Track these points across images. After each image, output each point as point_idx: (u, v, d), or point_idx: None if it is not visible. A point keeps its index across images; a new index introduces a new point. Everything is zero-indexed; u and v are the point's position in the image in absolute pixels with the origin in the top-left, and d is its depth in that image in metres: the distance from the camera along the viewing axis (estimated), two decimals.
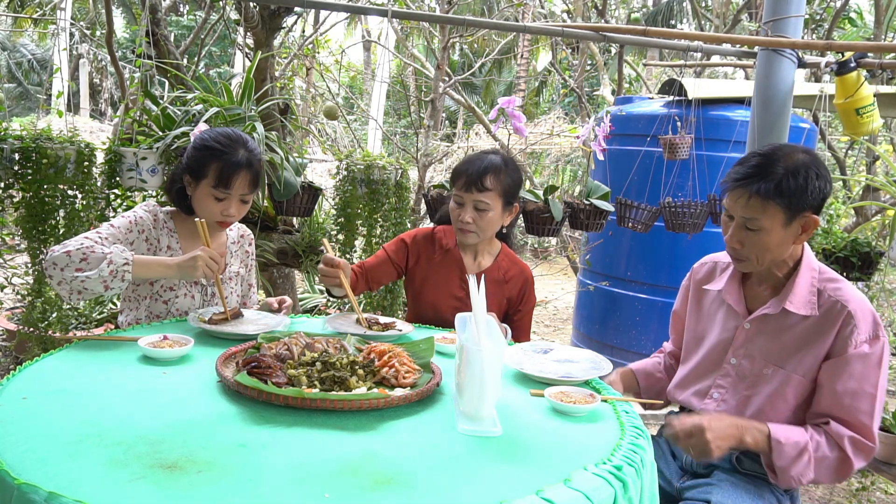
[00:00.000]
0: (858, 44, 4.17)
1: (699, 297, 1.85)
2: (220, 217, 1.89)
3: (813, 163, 1.53)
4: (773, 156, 1.54)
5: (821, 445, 1.53)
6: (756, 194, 1.52)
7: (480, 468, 1.08)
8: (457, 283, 2.14)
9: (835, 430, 1.54)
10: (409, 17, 4.67)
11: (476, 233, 2.05)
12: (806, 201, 1.52)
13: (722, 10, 7.99)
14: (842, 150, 6.86)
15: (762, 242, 1.56)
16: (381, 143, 10.24)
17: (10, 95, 18.36)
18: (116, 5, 15.86)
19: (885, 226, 3.02)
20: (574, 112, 13.18)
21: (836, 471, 1.54)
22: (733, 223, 1.60)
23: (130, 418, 1.16)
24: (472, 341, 1.28)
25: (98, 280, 1.63)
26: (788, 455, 1.51)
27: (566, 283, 8.35)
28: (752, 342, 1.68)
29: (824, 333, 1.57)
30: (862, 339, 1.53)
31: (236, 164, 1.84)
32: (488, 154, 2.07)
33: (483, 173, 1.99)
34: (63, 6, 6.86)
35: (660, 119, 3.69)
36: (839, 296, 1.57)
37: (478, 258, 2.17)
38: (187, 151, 1.92)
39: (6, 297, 4.13)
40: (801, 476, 1.52)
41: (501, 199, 2.04)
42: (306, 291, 5.20)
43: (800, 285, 1.60)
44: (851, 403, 1.53)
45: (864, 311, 1.56)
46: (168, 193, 2.02)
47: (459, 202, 2.04)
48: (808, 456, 1.51)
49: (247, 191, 1.89)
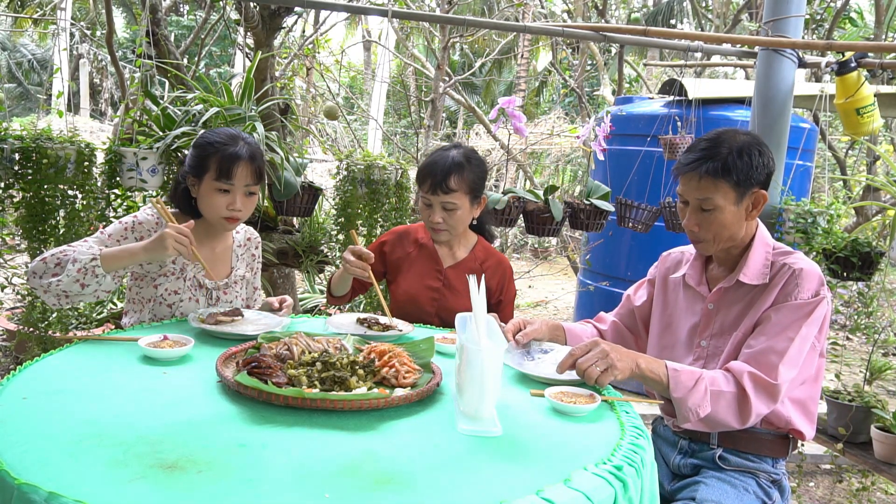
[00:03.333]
0: (859, 44, 4.17)
1: (666, 287, 1.89)
2: (226, 212, 1.87)
3: (755, 142, 1.64)
4: (717, 139, 1.64)
5: (717, 379, 1.53)
6: (706, 174, 1.61)
7: (480, 468, 1.08)
8: (433, 275, 2.19)
9: (735, 367, 1.55)
10: (409, 17, 4.68)
11: (447, 230, 2.11)
12: (753, 177, 1.61)
13: (722, 10, 7.98)
14: (842, 150, 6.86)
15: (718, 221, 1.63)
16: (381, 143, 10.25)
17: (11, 95, 18.37)
18: (116, 5, 15.86)
19: (885, 226, 3.01)
20: (574, 112, 13.18)
21: (737, 410, 1.53)
22: (689, 208, 1.68)
23: (130, 418, 1.16)
24: (472, 341, 1.28)
25: (71, 280, 1.65)
26: (685, 383, 1.50)
27: (566, 283, 8.34)
28: (715, 321, 1.73)
29: (769, 291, 1.63)
30: (804, 297, 1.58)
31: (236, 154, 1.85)
32: (449, 151, 2.09)
33: (447, 175, 2.03)
34: (63, 6, 6.86)
35: (660, 119, 3.69)
36: (788, 260, 1.64)
37: (453, 250, 2.22)
38: (188, 154, 1.93)
39: (6, 297, 4.13)
40: (697, 408, 1.50)
41: (468, 195, 2.08)
42: (306, 291, 5.20)
43: (753, 259, 1.67)
44: (766, 343, 1.56)
45: (811, 273, 1.61)
46: (173, 199, 2.02)
47: (427, 204, 2.10)
48: (704, 386, 1.51)
49: (250, 181, 1.88)
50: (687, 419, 1.51)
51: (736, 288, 1.70)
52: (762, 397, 1.53)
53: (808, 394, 1.67)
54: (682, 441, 1.78)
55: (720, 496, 1.58)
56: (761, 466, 1.68)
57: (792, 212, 2.95)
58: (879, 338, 3.18)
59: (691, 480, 1.70)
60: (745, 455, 1.68)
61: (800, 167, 4.16)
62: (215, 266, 2.02)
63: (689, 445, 1.76)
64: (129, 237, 1.86)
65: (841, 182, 6.15)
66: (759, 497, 1.64)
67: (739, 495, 1.60)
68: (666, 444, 1.83)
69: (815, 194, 5.90)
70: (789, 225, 2.96)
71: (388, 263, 2.25)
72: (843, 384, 2.81)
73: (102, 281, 1.68)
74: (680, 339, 1.80)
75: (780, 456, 1.70)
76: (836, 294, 3.08)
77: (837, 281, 2.93)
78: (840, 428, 2.59)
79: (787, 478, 1.73)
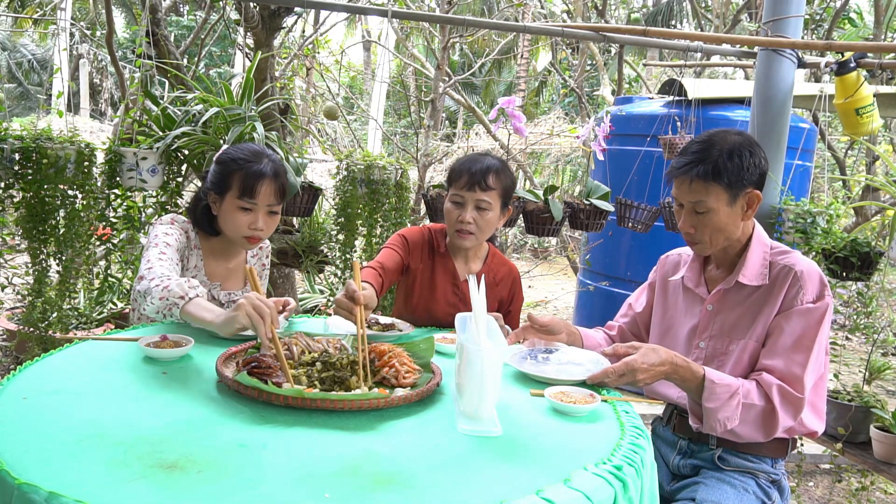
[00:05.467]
0: (858, 44, 4.17)
1: (665, 289, 1.90)
2: (247, 231, 1.86)
3: (746, 143, 1.63)
4: (708, 142, 1.64)
5: (751, 392, 1.55)
6: (697, 177, 1.61)
7: (480, 468, 1.08)
8: (450, 289, 2.13)
9: (765, 379, 1.57)
10: (409, 17, 4.68)
11: (475, 234, 2.02)
12: (744, 178, 1.61)
13: (722, 10, 7.99)
14: (842, 150, 6.86)
15: (712, 223, 1.64)
16: (381, 143, 10.25)
17: (11, 95, 18.36)
18: (116, 5, 15.86)
19: (884, 226, 3.01)
20: (574, 112, 13.18)
21: (763, 423, 1.55)
22: (684, 210, 1.69)
23: (130, 418, 1.16)
24: (472, 341, 1.28)
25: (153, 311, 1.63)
26: (721, 396, 1.52)
27: (566, 283, 8.34)
28: (714, 322, 1.73)
29: (773, 296, 1.63)
30: (808, 299, 1.59)
31: (260, 172, 1.81)
32: (485, 156, 2.07)
33: (486, 172, 1.99)
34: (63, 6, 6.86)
35: (660, 119, 3.69)
36: (787, 261, 1.64)
37: (468, 263, 2.16)
38: (210, 170, 1.91)
39: (6, 297, 4.13)
40: (727, 420, 1.53)
41: (500, 199, 2.04)
42: (306, 291, 5.20)
43: (751, 259, 1.68)
44: (787, 354, 1.57)
45: (812, 273, 1.61)
46: (192, 214, 1.99)
47: (459, 202, 2.01)
48: (738, 400, 1.53)
49: (273, 201, 1.86)
50: (714, 430, 1.54)
51: (736, 289, 1.69)
52: (788, 411, 1.55)
53: (818, 393, 1.67)
54: (681, 442, 1.78)
55: (720, 496, 1.59)
56: (761, 467, 1.68)
57: (791, 212, 2.95)
58: (878, 338, 3.18)
59: (691, 481, 1.70)
60: (744, 455, 1.68)
61: (799, 167, 4.17)
62: (229, 279, 2.02)
63: (689, 446, 1.76)
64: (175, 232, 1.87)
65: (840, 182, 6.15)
66: (758, 497, 1.64)
67: (739, 495, 1.61)
68: (665, 445, 1.84)
69: (815, 194, 5.90)
70: (789, 225, 2.96)
71: (412, 254, 2.14)
72: (842, 384, 2.81)
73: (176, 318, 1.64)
74: (679, 342, 1.80)
75: (780, 456, 1.70)
76: (835, 294, 3.08)
77: (837, 281, 2.93)
78: (839, 428, 2.60)
79: (786, 478, 1.73)
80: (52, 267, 2.61)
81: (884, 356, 4.98)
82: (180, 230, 1.91)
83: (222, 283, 2.00)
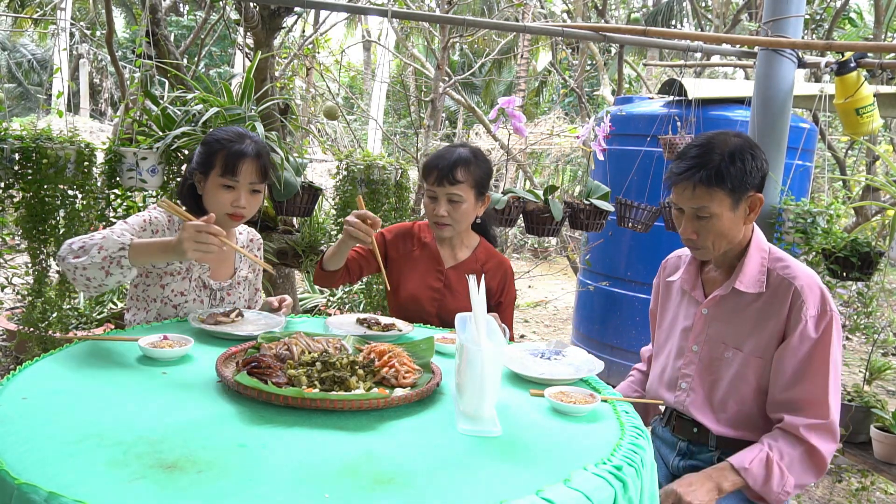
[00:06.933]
0: (858, 44, 4.17)
1: (667, 290, 1.89)
2: (230, 209, 1.89)
3: (747, 145, 1.60)
4: (708, 145, 1.60)
5: (783, 450, 1.54)
6: (700, 183, 1.58)
7: (480, 468, 1.08)
8: (433, 276, 2.19)
9: (789, 424, 1.55)
10: (409, 17, 4.67)
11: (451, 225, 2.10)
12: (747, 182, 1.58)
13: (722, 10, 7.99)
14: (842, 150, 6.86)
15: (715, 228, 1.61)
16: (381, 143, 10.25)
17: (10, 95, 18.36)
18: (116, 5, 15.85)
19: (884, 226, 3.01)
20: (574, 112, 13.17)
21: (811, 464, 1.54)
22: (684, 215, 1.66)
23: (130, 418, 1.16)
24: (472, 341, 1.28)
25: (96, 267, 1.58)
26: (759, 475, 1.52)
27: (566, 283, 8.34)
28: (709, 326, 1.72)
29: (776, 313, 1.60)
30: (811, 314, 1.57)
31: (242, 151, 1.86)
32: (456, 147, 2.11)
33: (454, 166, 2.04)
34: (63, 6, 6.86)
35: (660, 119, 3.69)
36: (787, 273, 1.62)
37: (454, 251, 2.22)
38: (196, 151, 1.94)
39: (6, 297, 4.13)
40: (783, 487, 1.52)
41: (473, 189, 2.09)
42: (306, 291, 5.20)
43: (749, 265, 1.65)
44: (803, 382, 1.56)
45: (812, 286, 1.59)
46: (180, 196, 2.04)
47: (433, 196, 2.10)
48: (776, 465, 1.52)
49: (255, 179, 1.90)
50: (780, 501, 1.54)
51: (732, 296, 1.68)
52: (826, 440, 1.55)
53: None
54: (680, 443, 1.78)
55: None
56: None
57: (791, 212, 2.95)
58: (879, 338, 3.18)
59: None
60: None
61: (799, 167, 4.16)
62: (219, 267, 2.02)
63: (688, 447, 1.76)
64: (148, 230, 1.85)
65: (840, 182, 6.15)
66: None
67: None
68: (665, 446, 1.83)
69: (815, 194, 5.89)
70: (789, 225, 2.96)
71: (390, 258, 2.23)
72: (842, 384, 2.81)
73: (127, 273, 1.63)
74: (674, 343, 1.80)
75: None
76: (835, 294, 3.08)
77: (837, 281, 2.93)
78: (839, 428, 2.59)
79: None
80: (52, 267, 2.61)
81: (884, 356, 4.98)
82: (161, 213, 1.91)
83: (212, 267, 2.00)
